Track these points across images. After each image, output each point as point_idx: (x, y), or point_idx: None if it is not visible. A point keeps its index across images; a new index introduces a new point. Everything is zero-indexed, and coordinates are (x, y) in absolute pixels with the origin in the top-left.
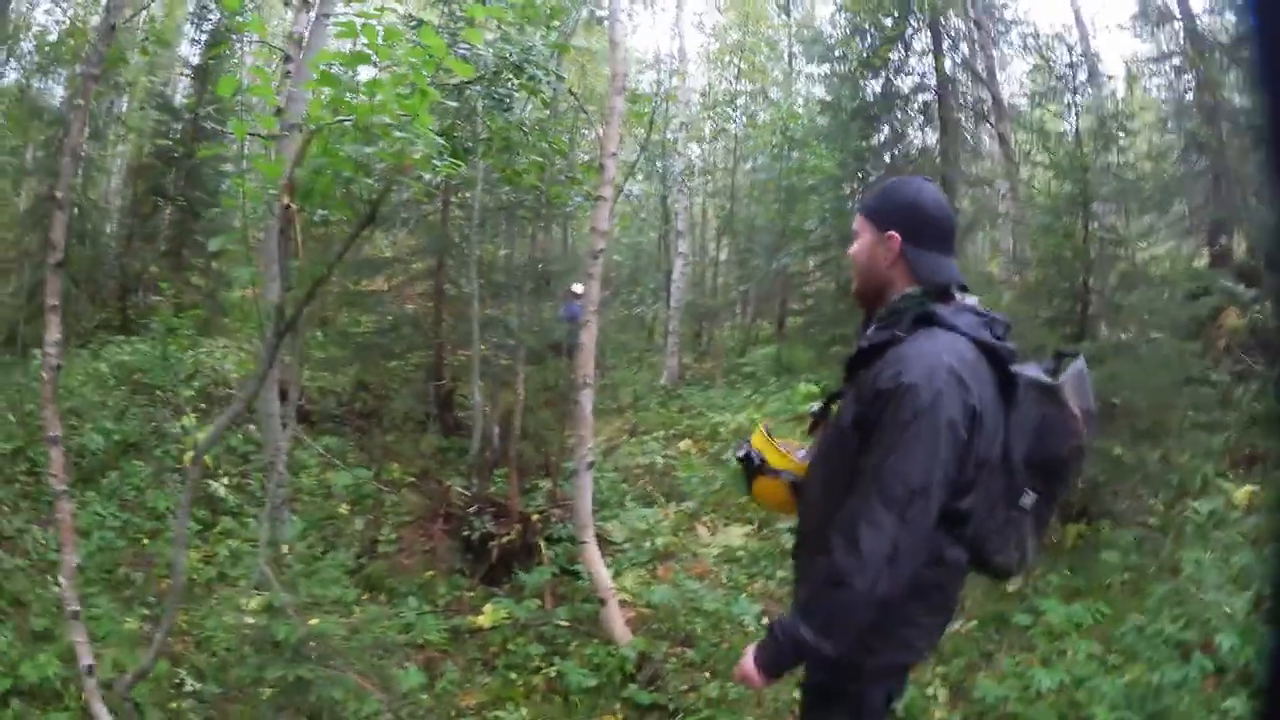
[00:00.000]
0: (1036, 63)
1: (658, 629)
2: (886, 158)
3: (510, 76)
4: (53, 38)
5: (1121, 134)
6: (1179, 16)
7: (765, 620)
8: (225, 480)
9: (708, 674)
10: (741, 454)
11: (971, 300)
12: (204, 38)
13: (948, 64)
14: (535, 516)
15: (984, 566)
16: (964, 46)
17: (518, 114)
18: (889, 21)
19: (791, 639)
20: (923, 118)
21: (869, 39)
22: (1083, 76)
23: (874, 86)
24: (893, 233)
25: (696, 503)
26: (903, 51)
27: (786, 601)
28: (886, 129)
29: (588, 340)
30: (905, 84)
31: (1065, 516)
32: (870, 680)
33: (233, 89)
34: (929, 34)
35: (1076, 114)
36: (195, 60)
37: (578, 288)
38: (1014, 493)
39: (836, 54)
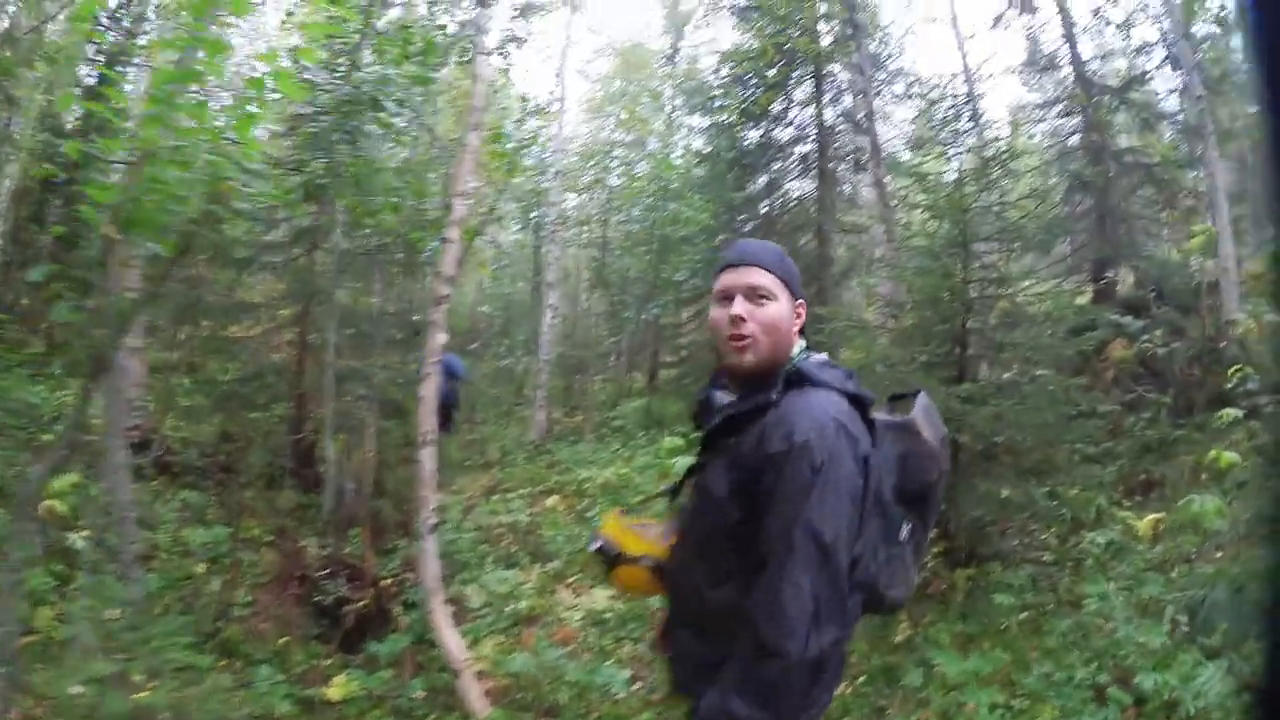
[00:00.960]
0: (919, 109)
1: (521, 699)
2: (762, 208)
3: (363, 109)
4: None
5: (1004, 177)
6: (1069, 62)
7: (636, 685)
8: (85, 533)
9: None
10: (595, 547)
11: (822, 356)
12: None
13: (829, 114)
14: (388, 581)
15: (879, 605)
16: (846, 98)
17: (371, 150)
18: (772, 72)
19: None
20: (801, 167)
21: (751, 88)
22: (965, 122)
23: (753, 136)
24: (802, 301)
25: (562, 563)
26: (785, 102)
27: (656, 668)
28: (763, 179)
29: (428, 394)
30: (784, 134)
31: (952, 562)
32: None
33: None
34: (812, 84)
35: (958, 156)
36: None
37: (444, 338)
38: (892, 529)
39: (717, 104)
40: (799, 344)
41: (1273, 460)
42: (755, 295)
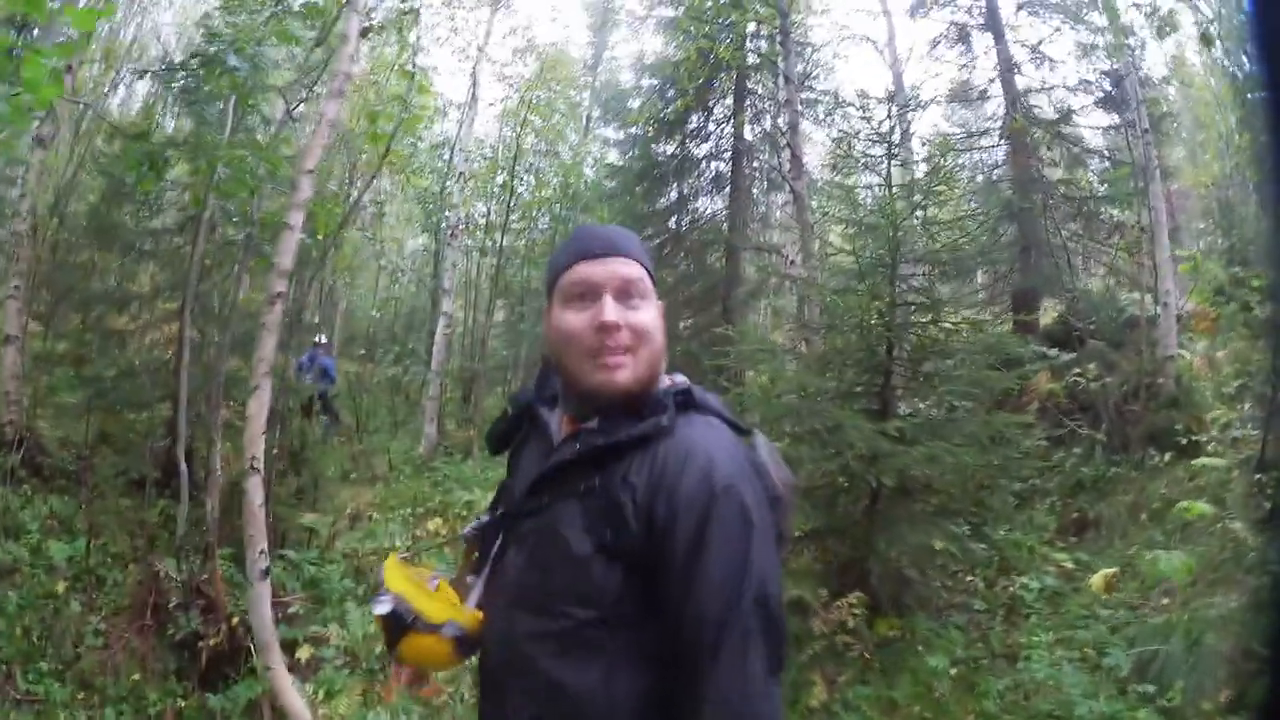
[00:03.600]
0: (844, 130)
1: None
2: (671, 222)
3: (216, 67)
4: None
5: (934, 198)
6: (1002, 94)
7: None
8: None
9: None
10: (385, 610)
11: (681, 377)
12: None
13: (748, 131)
14: (236, 619)
15: None
16: (766, 119)
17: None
18: (694, 84)
19: None
20: (713, 184)
21: (670, 100)
22: (893, 144)
23: (667, 149)
24: (661, 304)
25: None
26: (703, 117)
27: None
28: (674, 193)
29: (256, 412)
30: (700, 150)
31: (873, 610)
32: None
33: None
34: (733, 99)
35: (889, 171)
36: None
37: (321, 337)
38: None
39: (634, 112)
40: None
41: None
42: (628, 295)
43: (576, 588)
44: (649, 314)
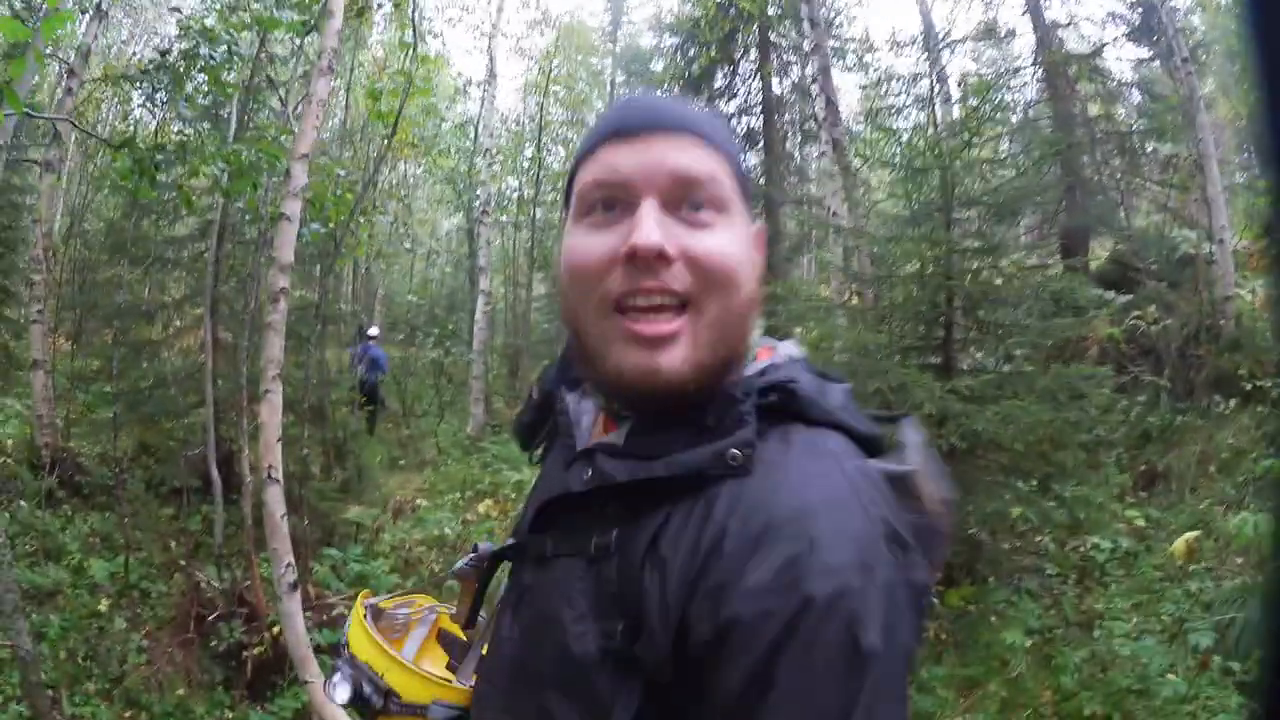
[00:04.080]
0: (877, 75)
1: None
2: None
3: (191, 63)
4: None
5: (978, 137)
6: (1031, 30)
7: None
8: None
9: None
10: (344, 698)
11: (793, 347)
12: None
13: (776, 85)
14: (278, 627)
15: None
16: (794, 69)
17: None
18: (715, 41)
19: None
20: (747, 141)
21: (692, 56)
22: (929, 86)
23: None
24: (763, 226)
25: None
26: (729, 75)
27: None
28: None
29: (269, 419)
30: (729, 107)
31: (946, 580)
32: None
33: None
34: (757, 52)
35: (934, 109)
36: None
37: (373, 330)
38: None
39: (657, 73)
40: (776, 347)
41: None
42: (689, 201)
43: (574, 698)
44: (726, 237)
